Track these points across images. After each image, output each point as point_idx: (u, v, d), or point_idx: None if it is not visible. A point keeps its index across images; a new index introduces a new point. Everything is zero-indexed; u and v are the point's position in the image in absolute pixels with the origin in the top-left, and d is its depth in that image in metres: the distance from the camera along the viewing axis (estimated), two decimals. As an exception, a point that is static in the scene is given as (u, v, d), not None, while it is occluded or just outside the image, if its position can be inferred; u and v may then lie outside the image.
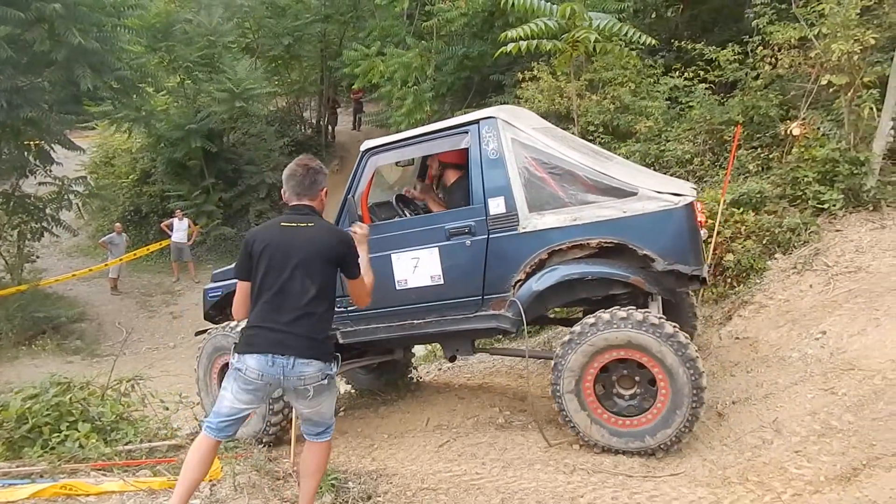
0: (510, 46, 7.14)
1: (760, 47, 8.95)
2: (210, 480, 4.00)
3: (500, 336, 5.84)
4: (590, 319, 4.31)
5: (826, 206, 7.11)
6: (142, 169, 20.68)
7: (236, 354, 3.38)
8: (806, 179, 7.31)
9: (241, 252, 3.48)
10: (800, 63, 8.36)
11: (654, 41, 7.92)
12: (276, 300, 3.34)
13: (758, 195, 7.26)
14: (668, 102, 10.41)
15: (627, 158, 9.81)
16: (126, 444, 4.79)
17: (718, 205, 6.80)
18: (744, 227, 6.99)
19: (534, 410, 5.15)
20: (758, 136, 8.85)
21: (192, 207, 18.02)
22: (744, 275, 6.77)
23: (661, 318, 4.20)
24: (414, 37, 15.42)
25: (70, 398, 4.95)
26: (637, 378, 4.28)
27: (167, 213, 18.20)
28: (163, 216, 18.67)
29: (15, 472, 4.15)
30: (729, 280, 6.80)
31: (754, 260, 6.76)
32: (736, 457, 4.14)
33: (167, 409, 5.48)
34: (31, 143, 15.37)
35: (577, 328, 4.37)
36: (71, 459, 4.36)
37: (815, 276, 6.33)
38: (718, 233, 6.71)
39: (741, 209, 7.15)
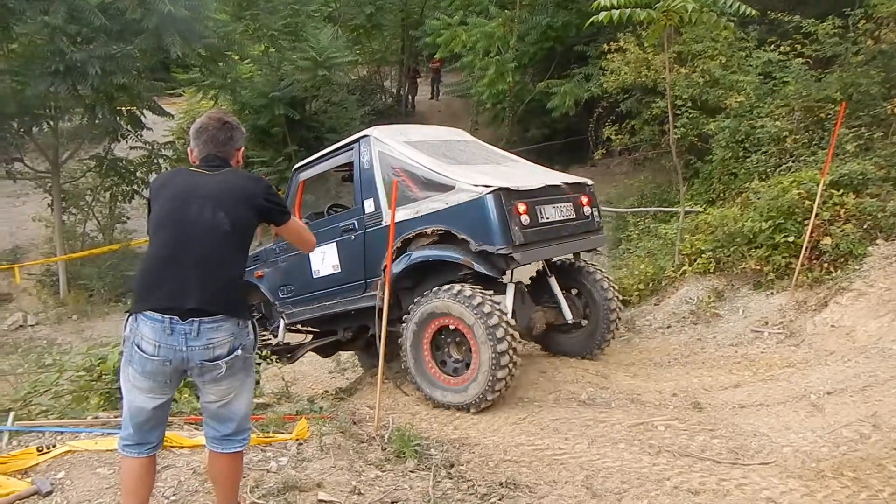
0: (601, 15, 6.90)
1: (863, 20, 8.44)
2: (297, 440, 4.12)
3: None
4: (428, 294, 5.07)
5: (936, 190, 6.69)
6: (227, 135, 21.30)
7: (129, 320, 2.68)
8: (913, 162, 6.89)
9: (147, 207, 2.90)
10: (906, 39, 7.85)
11: (753, 11, 7.56)
12: (179, 233, 2.67)
13: (859, 177, 6.90)
14: (761, 77, 9.99)
15: (716, 135, 9.55)
16: (217, 400, 4.97)
17: (817, 186, 6.48)
18: (843, 209, 6.65)
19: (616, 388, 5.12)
20: (858, 114, 8.38)
21: (274, 174, 18.42)
22: (842, 260, 6.45)
23: (475, 290, 4.83)
24: (497, 6, 15.21)
25: (166, 354, 5.15)
26: (460, 342, 4.98)
27: (251, 179, 18.70)
28: (246, 182, 19.18)
29: (113, 422, 4.36)
30: (825, 265, 6.49)
31: (854, 245, 6.43)
32: (830, 449, 3.97)
33: (257, 368, 5.66)
34: (123, 108, 16.01)
35: (417, 301, 5.14)
36: (165, 412, 4.55)
37: (922, 264, 5.98)
38: (816, 215, 6.40)
39: (841, 191, 6.80)
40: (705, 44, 10.43)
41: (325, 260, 5.81)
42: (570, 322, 5.80)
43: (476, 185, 4.87)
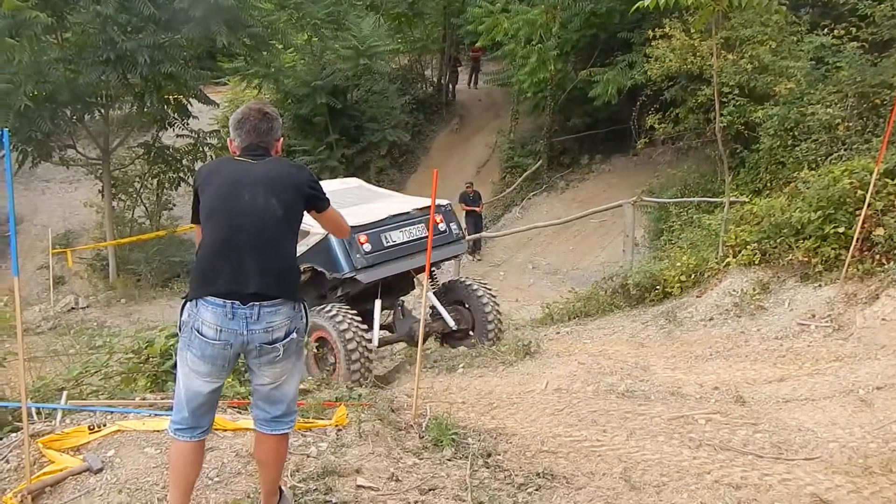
0: (647, 1, 6.76)
1: (924, 1, 8.14)
2: (337, 426, 4.17)
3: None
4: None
5: None
6: (270, 125, 21.62)
7: (187, 306, 2.75)
8: (974, 150, 6.61)
9: (193, 196, 2.94)
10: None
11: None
12: (233, 220, 2.72)
13: (917, 166, 6.64)
14: (813, 63, 9.70)
15: (764, 123, 9.31)
16: (259, 384, 5.06)
17: (871, 175, 6.27)
18: (898, 200, 6.42)
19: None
20: (917, 100, 8.07)
21: (316, 162, 18.63)
22: (895, 251, 6.24)
23: (340, 310, 5.87)
24: (539, -8, 15.06)
25: (210, 338, 5.27)
26: (331, 349, 5.97)
27: (292, 167, 18.97)
28: (288, 169, 19.49)
29: (160, 403, 4.46)
30: (877, 256, 6.28)
31: (908, 236, 6.21)
32: (879, 445, 3.86)
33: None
34: (171, 97, 16.35)
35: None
36: (210, 395, 4.65)
37: (980, 257, 5.75)
38: (869, 205, 6.20)
39: (896, 180, 6.57)
40: (755, 28, 10.16)
41: None
42: (454, 329, 6.79)
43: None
